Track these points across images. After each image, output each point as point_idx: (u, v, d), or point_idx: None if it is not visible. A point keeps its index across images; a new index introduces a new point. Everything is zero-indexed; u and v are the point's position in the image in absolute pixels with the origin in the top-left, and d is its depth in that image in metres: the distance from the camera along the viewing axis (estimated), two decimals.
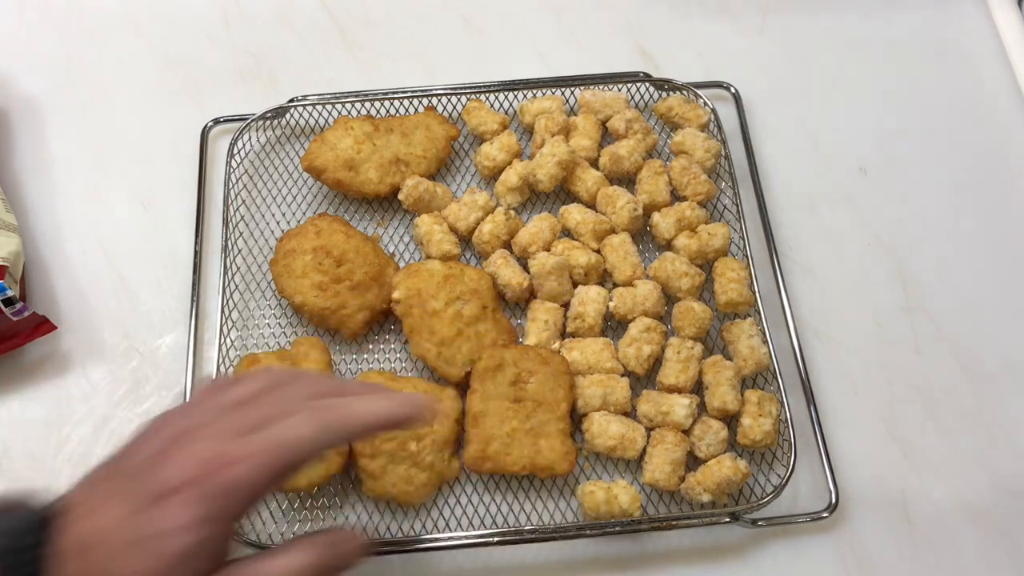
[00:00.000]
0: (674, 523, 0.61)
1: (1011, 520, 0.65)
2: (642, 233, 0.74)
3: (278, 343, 0.70)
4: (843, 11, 0.88)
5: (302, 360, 0.64)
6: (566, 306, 0.69)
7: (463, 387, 0.66)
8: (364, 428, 0.46)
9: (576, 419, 0.66)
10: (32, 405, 0.68)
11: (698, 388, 0.67)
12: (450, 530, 0.63)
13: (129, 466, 0.43)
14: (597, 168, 0.75)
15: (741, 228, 0.72)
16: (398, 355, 0.70)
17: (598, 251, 0.71)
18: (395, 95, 0.79)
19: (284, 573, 0.43)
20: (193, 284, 0.71)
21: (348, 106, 0.79)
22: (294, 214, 0.76)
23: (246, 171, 0.77)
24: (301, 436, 0.43)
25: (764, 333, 0.67)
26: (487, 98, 0.79)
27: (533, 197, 0.76)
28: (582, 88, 0.79)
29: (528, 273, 0.69)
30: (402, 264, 0.73)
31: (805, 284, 0.74)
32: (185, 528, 0.40)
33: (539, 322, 0.68)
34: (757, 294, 0.69)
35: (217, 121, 0.79)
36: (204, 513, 0.41)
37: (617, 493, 0.61)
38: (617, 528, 0.61)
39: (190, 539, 0.40)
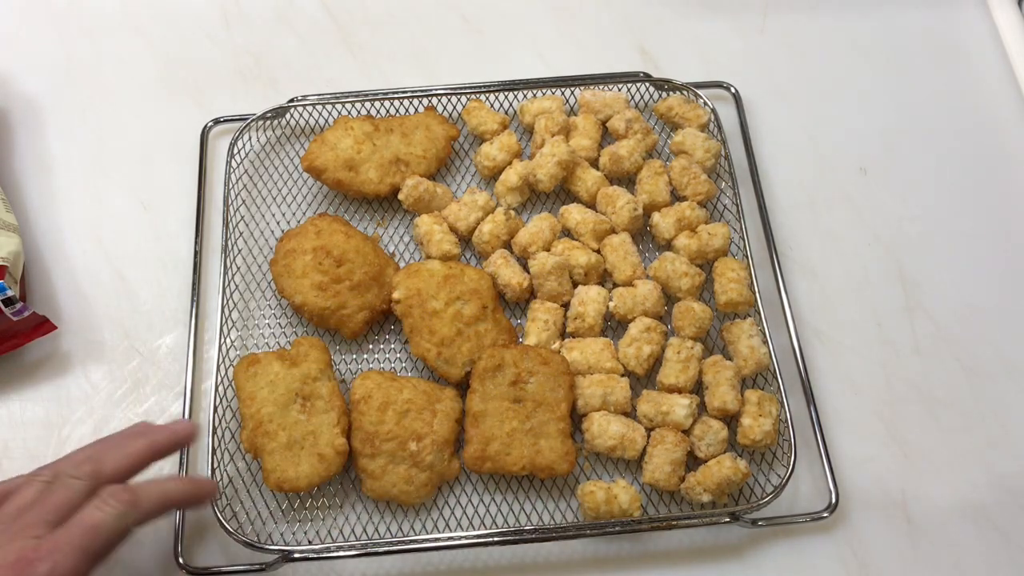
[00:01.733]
0: (674, 523, 0.61)
1: (1011, 520, 0.65)
2: (642, 233, 0.74)
3: (278, 343, 0.70)
4: (843, 11, 0.88)
5: (302, 360, 0.64)
6: (566, 306, 0.69)
7: (463, 387, 0.66)
8: (161, 508, 0.54)
9: (576, 419, 0.66)
10: (32, 405, 0.68)
11: (698, 388, 0.67)
12: (450, 530, 0.63)
13: None
14: (597, 168, 0.75)
15: (741, 228, 0.72)
16: (398, 355, 0.70)
17: (598, 251, 0.71)
18: (395, 95, 0.79)
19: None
20: (193, 284, 0.71)
21: (348, 106, 0.79)
22: (294, 214, 0.76)
23: (246, 171, 0.77)
24: (104, 521, 0.50)
25: (764, 333, 0.67)
26: (487, 98, 0.79)
27: (533, 197, 0.76)
28: (582, 88, 0.79)
29: (528, 273, 0.69)
30: (402, 264, 0.73)
31: (805, 284, 0.74)
32: None
33: (539, 322, 0.68)
34: (757, 294, 0.69)
35: (217, 121, 0.79)
36: None
37: (617, 493, 0.61)
38: (617, 528, 0.61)
39: None
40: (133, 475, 0.55)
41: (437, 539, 0.61)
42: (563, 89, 0.79)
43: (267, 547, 0.61)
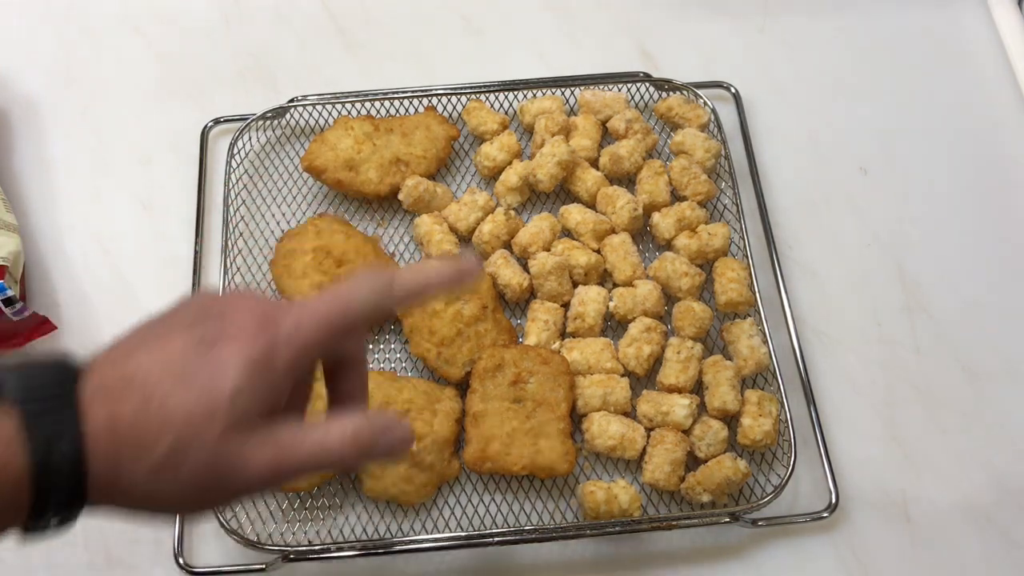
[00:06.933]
0: (674, 523, 0.61)
1: (1011, 520, 0.65)
2: (642, 233, 0.74)
3: None
4: (843, 11, 0.88)
5: None
6: (566, 306, 0.69)
7: (463, 387, 0.66)
8: (418, 292, 0.45)
9: (576, 419, 0.65)
10: None
11: (698, 388, 0.67)
12: (450, 530, 0.63)
13: (173, 321, 0.42)
14: (597, 168, 0.75)
15: (741, 228, 0.72)
16: (398, 355, 0.70)
17: (598, 251, 0.71)
18: (395, 95, 0.79)
19: (325, 450, 0.42)
20: (193, 284, 0.71)
21: (348, 106, 0.79)
22: (294, 214, 0.76)
23: (246, 171, 0.77)
24: (356, 295, 0.43)
25: (764, 333, 0.67)
26: (487, 98, 0.79)
27: (533, 197, 0.76)
28: (582, 88, 0.79)
29: (528, 273, 0.69)
30: (402, 264, 0.73)
31: (805, 284, 0.74)
32: (238, 370, 0.39)
33: (539, 322, 0.68)
34: (757, 294, 0.69)
35: (217, 121, 0.79)
36: (258, 358, 0.40)
37: (617, 493, 0.61)
38: (617, 528, 0.61)
39: (242, 382, 0.39)
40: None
41: (437, 539, 0.61)
42: (563, 89, 0.79)
43: (267, 547, 0.61)
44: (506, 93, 0.79)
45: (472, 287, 0.54)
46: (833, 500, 0.63)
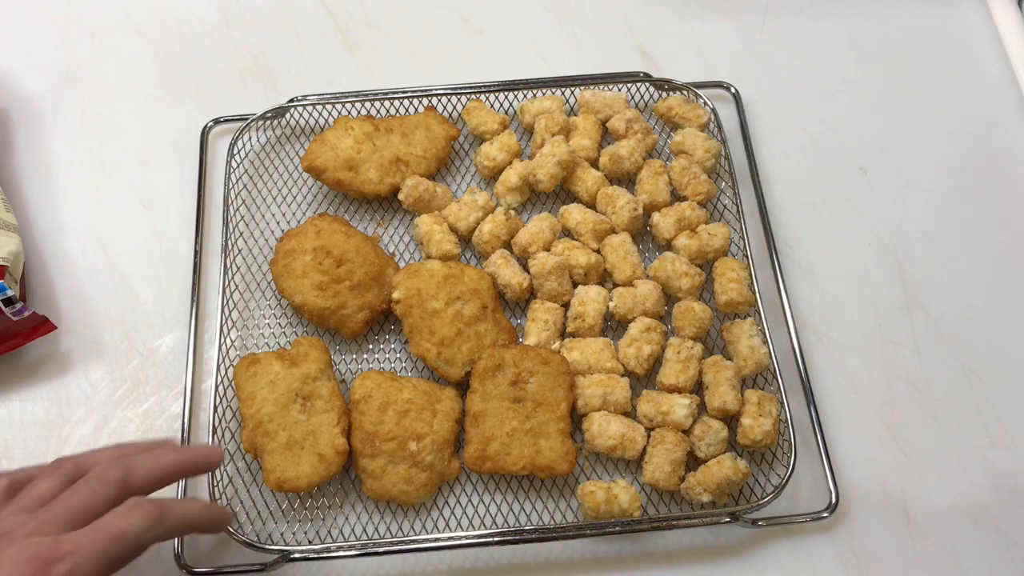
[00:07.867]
0: (674, 523, 0.61)
1: (1011, 520, 0.65)
2: (642, 233, 0.74)
3: (278, 343, 0.70)
4: (843, 11, 0.88)
5: (302, 360, 0.64)
6: (566, 306, 0.69)
7: (463, 387, 0.66)
8: (183, 528, 0.53)
9: (576, 419, 0.66)
10: (32, 405, 0.68)
11: (698, 388, 0.67)
12: (450, 530, 0.63)
13: None
14: (597, 168, 0.75)
15: (741, 228, 0.72)
16: (398, 355, 0.70)
17: (598, 251, 0.71)
18: (395, 95, 0.79)
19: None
20: (193, 284, 0.71)
21: (348, 106, 0.79)
22: (294, 214, 0.76)
23: (246, 171, 0.77)
24: (129, 530, 0.47)
25: (764, 333, 0.67)
26: (487, 98, 0.79)
27: (533, 197, 0.76)
28: (582, 88, 0.79)
29: (528, 273, 0.69)
30: (402, 264, 0.73)
31: (805, 284, 0.74)
32: None
33: (539, 322, 0.68)
34: (757, 294, 0.69)
35: (217, 121, 0.79)
36: None
37: (617, 493, 0.61)
38: (617, 528, 0.61)
39: None
40: (158, 489, 0.53)
41: (437, 539, 0.61)
42: (563, 89, 0.79)
43: (267, 547, 0.61)
44: (506, 93, 0.79)
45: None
46: (833, 500, 0.63)
